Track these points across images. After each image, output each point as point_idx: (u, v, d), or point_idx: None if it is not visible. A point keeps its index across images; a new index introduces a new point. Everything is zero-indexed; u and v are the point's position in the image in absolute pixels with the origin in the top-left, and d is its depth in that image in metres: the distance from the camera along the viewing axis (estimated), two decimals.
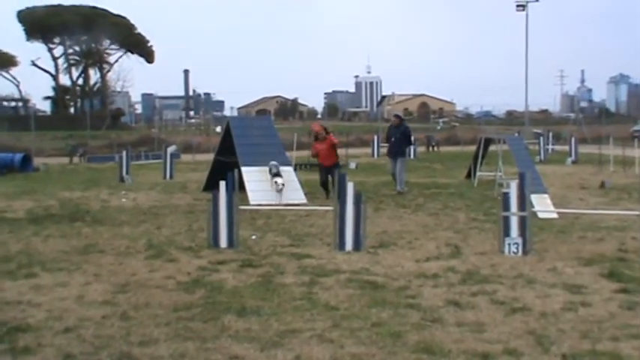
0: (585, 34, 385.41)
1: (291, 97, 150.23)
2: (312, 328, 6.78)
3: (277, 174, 16.78)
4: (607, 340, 6.36)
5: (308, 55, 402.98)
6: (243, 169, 17.04)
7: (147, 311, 7.48)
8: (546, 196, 15.24)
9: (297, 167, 25.63)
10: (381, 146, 36.02)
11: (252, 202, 15.88)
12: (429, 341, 6.37)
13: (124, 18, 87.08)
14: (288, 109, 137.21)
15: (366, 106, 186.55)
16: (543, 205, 14.40)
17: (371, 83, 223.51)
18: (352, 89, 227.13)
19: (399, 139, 19.79)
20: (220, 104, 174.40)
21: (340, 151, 27.44)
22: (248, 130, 19.23)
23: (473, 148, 25.27)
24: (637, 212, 10.68)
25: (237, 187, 11.54)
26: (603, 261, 9.87)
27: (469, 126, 68.85)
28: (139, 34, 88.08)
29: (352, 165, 30.13)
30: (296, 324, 6.91)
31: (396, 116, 21.50)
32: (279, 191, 16.44)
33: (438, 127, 69.61)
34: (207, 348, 6.22)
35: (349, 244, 10.87)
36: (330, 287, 8.50)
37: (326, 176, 17.94)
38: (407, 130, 20.38)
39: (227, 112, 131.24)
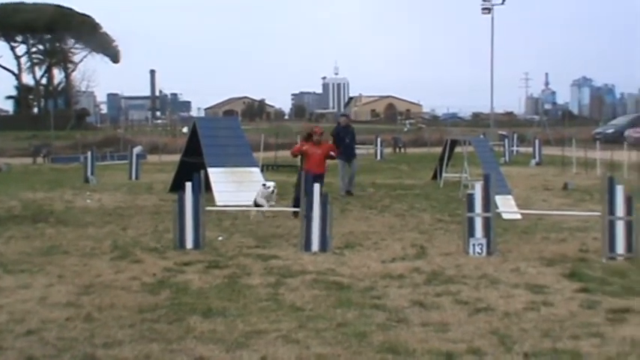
0: (550, 38, 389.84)
1: (258, 98, 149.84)
2: (278, 328, 6.80)
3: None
4: (567, 338, 6.47)
5: (275, 56, 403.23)
6: (210, 169, 16.98)
7: (111, 313, 7.45)
8: (510, 197, 15.40)
9: (265, 168, 25.60)
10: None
11: (218, 203, 15.84)
12: (394, 341, 6.42)
13: (89, 17, 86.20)
14: (255, 110, 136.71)
15: (334, 108, 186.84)
16: (507, 207, 14.54)
17: (338, 85, 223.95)
18: (320, 90, 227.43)
19: (351, 140, 19.91)
20: (187, 105, 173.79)
21: None
22: (215, 130, 19.18)
23: (439, 149, 25.42)
24: (598, 213, 10.82)
25: (204, 188, 11.51)
26: (565, 261, 10.01)
27: (435, 127, 69.06)
28: (105, 33, 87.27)
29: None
30: (262, 325, 6.93)
31: (346, 116, 21.51)
32: (268, 197, 14.36)
33: (405, 129, 69.82)
34: (172, 349, 6.22)
35: (315, 245, 10.90)
36: (296, 288, 8.53)
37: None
38: (354, 130, 20.57)
39: (194, 113, 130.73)
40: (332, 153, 15.80)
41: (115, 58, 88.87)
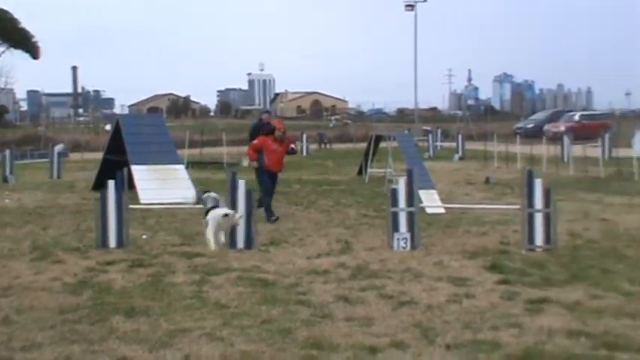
0: (472, 35, 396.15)
1: (183, 94, 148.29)
2: (202, 326, 6.76)
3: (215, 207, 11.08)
4: (488, 329, 6.60)
5: (200, 52, 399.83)
6: (134, 167, 16.79)
7: (31, 315, 7.28)
8: (434, 191, 15.62)
9: (190, 165, 25.41)
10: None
11: (142, 201, 15.67)
12: (319, 336, 6.45)
13: (6, 12, 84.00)
14: (180, 107, 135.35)
15: (259, 104, 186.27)
16: (431, 201, 14.76)
17: (264, 81, 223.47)
18: (245, 87, 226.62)
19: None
20: (110, 102, 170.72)
21: (233, 150, 27.43)
22: (138, 128, 18.97)
23: (364, 145, 25.62)
24: (518, 206, 11.07)
25: (127, 186, 11.37)
26: (486, 254, 10.21)
27: (361, 123, 69.63)
28: (24, 29, 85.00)
29: (245, 163, 30.04)
30: (186, 323, 6.88)
31: (269, 113, 21.54)
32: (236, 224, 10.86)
33: (331, 125, 70.19)
34: (94, 350, 6.12)
35: (240, 242, 10.88)
36: (220, 285, 8.50)
37: (273, 185, 14.47)
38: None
39: (117, 110, 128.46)
40: (292, 146, 15.35)
41: (34, 54, 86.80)
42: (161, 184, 16.57)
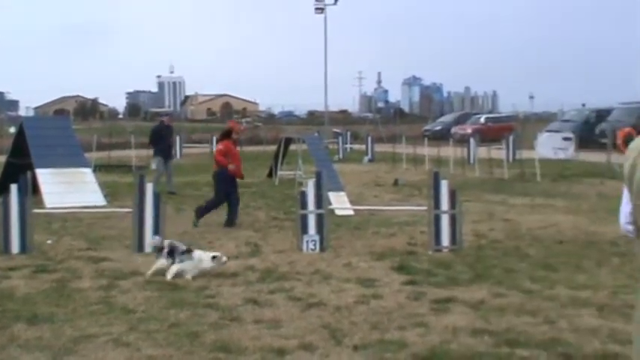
0: (382, 38, 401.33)
1: (91, 96, 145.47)
2: (108, 332, 6.66)
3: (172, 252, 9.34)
4: (395, 329, 6.71)
5: (109, 53, 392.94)
6: (38, 171, 16.34)
7: None
8: (343, 193, 15.74)
9: (97, 169, 24.93)
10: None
11: (47, 206, 15.28)
12: (227, 339, 6.44)
13: None
14: (88, 109, 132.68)
15: (170, 107, 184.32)
16: (340, 203, 14.87)
17: (174, 83, 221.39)
18: (155, 89, 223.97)
19: (171, 140, 19.86)
20: (15, 104, 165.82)
21: (142, 152, 26.98)
22: (43, 130, 18.45)
23: (275, 147, 25.60)
24: (425, 208, 11.26)
25: (31, 190, 11.08)
26: (394, 255, 10.36)
27: (272, 126, 69.63)
28: None
29: (154, 165, 29.65)
30: (91, 329, 6.76)
31: (169, 115, 21.44)
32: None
33: (241, 127, 69.92)
34: None
35: (149, 245, 10.74)
36: (128, 290, 8.38)
37: (233, 192, 13.70)
38: (173, 130, 20.56)
39: (22, 112, 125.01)
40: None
41: None
42: (67, 188, 16.19)
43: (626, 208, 2.74)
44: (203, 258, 9.21)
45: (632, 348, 2.76)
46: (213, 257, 9.23)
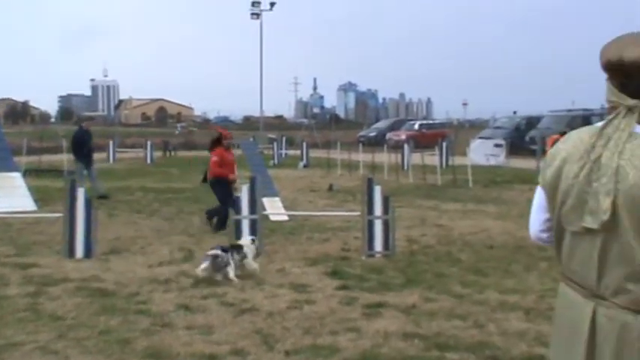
0: (318, 44, 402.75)
1: (21, 99, 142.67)
2: (36, 340, 6.54)
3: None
4: (327, 334, 6.74)
5: (41, 56, 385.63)
6: None
7: None
8: (277, 199, 15.73)
9: (27, 173, 24.44)
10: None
11: None
12: (158, 346, 6.39)
13: None
14: (19, 112, 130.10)
15: (104, 110, 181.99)
16: (274, 208, 14.86)
17: (108, 87, 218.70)
18: (88, 93, 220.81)
19: (92, 145, 19.64)
20: None
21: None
22: None
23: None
24: (359, 213, 11.34)
25: None
26: (328, 260, 10.41)
27: (207, 131, 69.26)
28: None
29: (85, 171, 29.21)
30: (18, 337, 6.62)
31: (91, 119, 21.17)
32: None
33: (176, 132, 69.41)
34: None
35: (80, 251, 10.60)
36: (57, 297, 8.24)
37: (230, 198, 12.70)
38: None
39: None
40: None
41: None
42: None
43: (541, 215, 2.80)
44: (248, 244, 9.75)
45: (550, 349, 2.84)
46: (252, 240, 9.87)
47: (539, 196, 2.81)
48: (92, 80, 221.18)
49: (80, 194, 10.76)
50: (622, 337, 2.46)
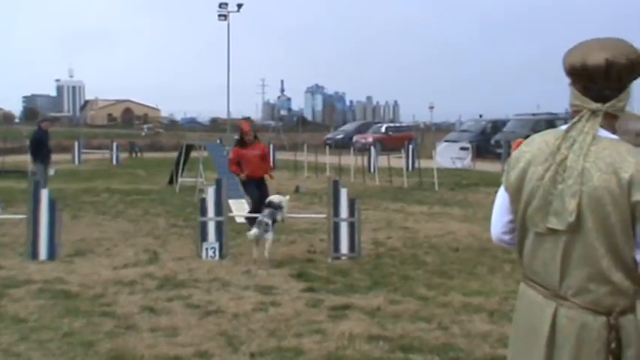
0: (285, 46, 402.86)
1: None
2: None
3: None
4: (292, 336, 6.75)
5: (4, 55, 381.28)
6: None
7: None
8: (243, 201, 15.69)
9: None
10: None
11: None
12: (122, 348, 6.36)
13: None
14: None
15: (69, 111, 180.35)
16: (241, 210, 14.83)
17: (73, 87, 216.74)
18: (54, 93, 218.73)
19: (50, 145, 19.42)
20: None
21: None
22: None
23: (176, 154, 25.34)
24: (325, 215, 11.36)
25: None
26: (294, 262, 10.41)
27: (174, 132, 68.95)
28: None
29: (51, 171, 28.94)
30: None
31: (49, 121, 20.96)
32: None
33: (143, 134, 68.98)
34: None
35: (43, 253, 10.50)
36: (20, 299, 8.16)
37: (261, 192, 13.13)
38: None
39: None
40: (266, 151, 14.55)
41: None
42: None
43: (504, 217, 2.85)
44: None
45: (508, 348, 2.87)
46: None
47: (501, 198, 2.86)
48: (57, 80, 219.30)
49: (44, 195, 10.67)
50: (581, 337, 2.51)
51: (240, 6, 59.78)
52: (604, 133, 2.55)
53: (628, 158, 2.43)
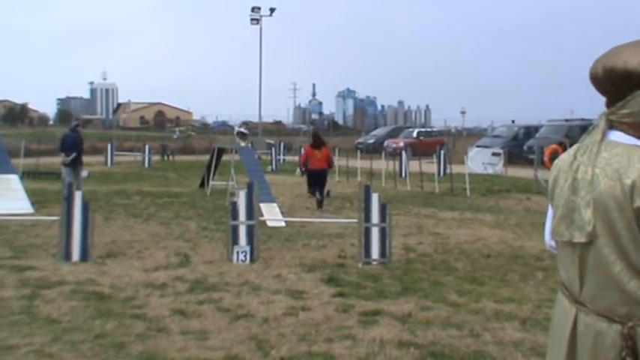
0: (317, 50, 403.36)
1: (20, 101, 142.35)
2: (31, 343, 6.52)
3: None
4: (322, 341, 6.73)
5: (40, 58, 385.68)
6: None
7: None
8: (275, 205, 15.74)
9: (25, 175, 24.45)
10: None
11: None
12: (153, 351, 6.38)
13: None
14: (17, 114, 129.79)
15: (102, 114, 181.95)
16: (272, 214, 14.87)
17: (107, 90, 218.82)
18: (87, 96, 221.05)
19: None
20: None
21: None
22: None
23: (207, 157, 25.48)
24: (356, 220, 11.33)
25: None
26: (324, 267, 10.40)
27: (205, 135, 69.33)
28: None
29: (84, 173, 29.20)
30: (12, 340, 6.60)
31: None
32: None
33: (175, 136, 69.40)
34: None
35: (76, 254, 10.58)
36: (52, 300, 8.23)
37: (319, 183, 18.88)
38: None
39: None
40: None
41: None
42: None
43: (550, 224, 2.84)
44: None
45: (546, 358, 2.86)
46: None
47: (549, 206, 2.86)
48: (91, 83, 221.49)
49: (77, 197, 10.76)
50: (596, 344, 2.50)
51: (272, 10, 60.01)
52: (624, 138, 2.52)
53: (636, 164, 2.40)
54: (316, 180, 18.65)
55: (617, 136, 2.53)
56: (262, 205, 13.64)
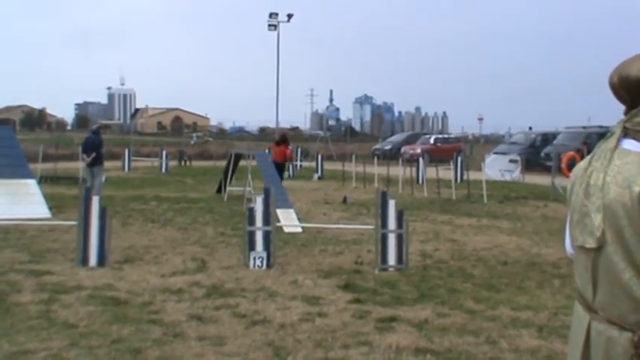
0: (334, 56, 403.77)
1: (38, 106, 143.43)
2: (48, 347, 6.56)
3: None
4: (339, 348, 6.72)
5: (58, 63, 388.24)
6: None
7: None
8: (292, 210, 15.76)
9: (43, 180, 24.59)
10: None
11: None
12: (170, 356, 6.39)
13: None
14: (35, 119, 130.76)
15: (120, 119, 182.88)
16: (289, 220, 14.88)
17: (124, 95, 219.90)
18: (105, 101, 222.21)
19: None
20: None
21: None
22: None
23: (224, 163, 25.53)
24: (372, 226, 11.32)
25: None
26: (341, 273, 10.39)
27: (222, 141, 69.54)
28: None
29: (102, 178, 29.33)
30: (30, 344, 6.64)
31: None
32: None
33: (192, 142, 69.63)
34: None
35: (93, 259, 10.63)
36: (70, 304, 8.26)
37: None
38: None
39: None
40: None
41: None
42: (10, 199, 15.91)
43: (569, 230, 2.84)
44: None
45: None
46: None
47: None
48: (109, 88, 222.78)
49: (95, 202, 10.81)
50: (608, 352, 2.49)
51: (290, 16, 60.00)
52: (637, 147, 2.51)
53: None
54: (276, 168, 20.23)
55: (630, 144, 2.52)
56: (279, 211, 13.65)
